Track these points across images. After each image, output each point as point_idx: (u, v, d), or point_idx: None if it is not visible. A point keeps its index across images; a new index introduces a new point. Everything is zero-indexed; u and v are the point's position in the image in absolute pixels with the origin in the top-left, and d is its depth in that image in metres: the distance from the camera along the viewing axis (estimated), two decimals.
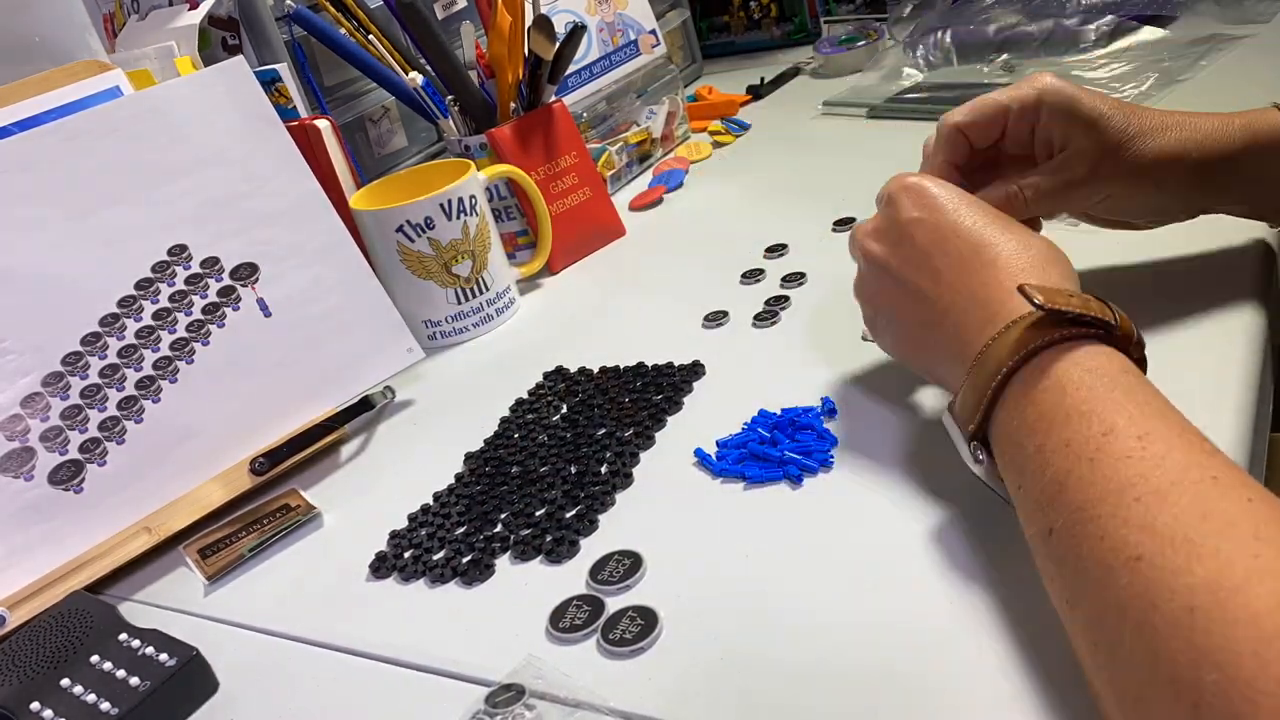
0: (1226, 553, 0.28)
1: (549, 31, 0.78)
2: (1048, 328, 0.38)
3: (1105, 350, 0.37)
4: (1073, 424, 0.35)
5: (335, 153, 0.78)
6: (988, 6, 1.06)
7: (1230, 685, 0.25)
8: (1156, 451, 0.32)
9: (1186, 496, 0.30)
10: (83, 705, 0.45)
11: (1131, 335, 0.39)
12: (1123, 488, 0.32)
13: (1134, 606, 0.29)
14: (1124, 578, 0.30)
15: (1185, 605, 0.27)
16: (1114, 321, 0.38)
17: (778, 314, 0.66)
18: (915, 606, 0.40)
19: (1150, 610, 0.28)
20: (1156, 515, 0.30)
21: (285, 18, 0.85)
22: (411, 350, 0.69)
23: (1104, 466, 0.33)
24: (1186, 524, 0.29)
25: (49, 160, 0.61)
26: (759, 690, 0.38)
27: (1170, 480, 0.31)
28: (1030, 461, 0.36)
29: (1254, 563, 0.27)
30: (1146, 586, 0.29)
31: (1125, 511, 0.31)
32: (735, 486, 0.50)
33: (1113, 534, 0.31)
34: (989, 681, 0.36)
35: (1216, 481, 0.30)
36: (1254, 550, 0.28)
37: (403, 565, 0.51)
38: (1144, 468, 0.32)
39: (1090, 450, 0.33)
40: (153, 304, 0.62)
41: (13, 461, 0.56)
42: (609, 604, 0.45)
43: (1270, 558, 0.27)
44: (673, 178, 0.96)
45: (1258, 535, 0.28)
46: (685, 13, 1.25)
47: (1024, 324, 0.39)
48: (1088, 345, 0.37)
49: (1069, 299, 0.38)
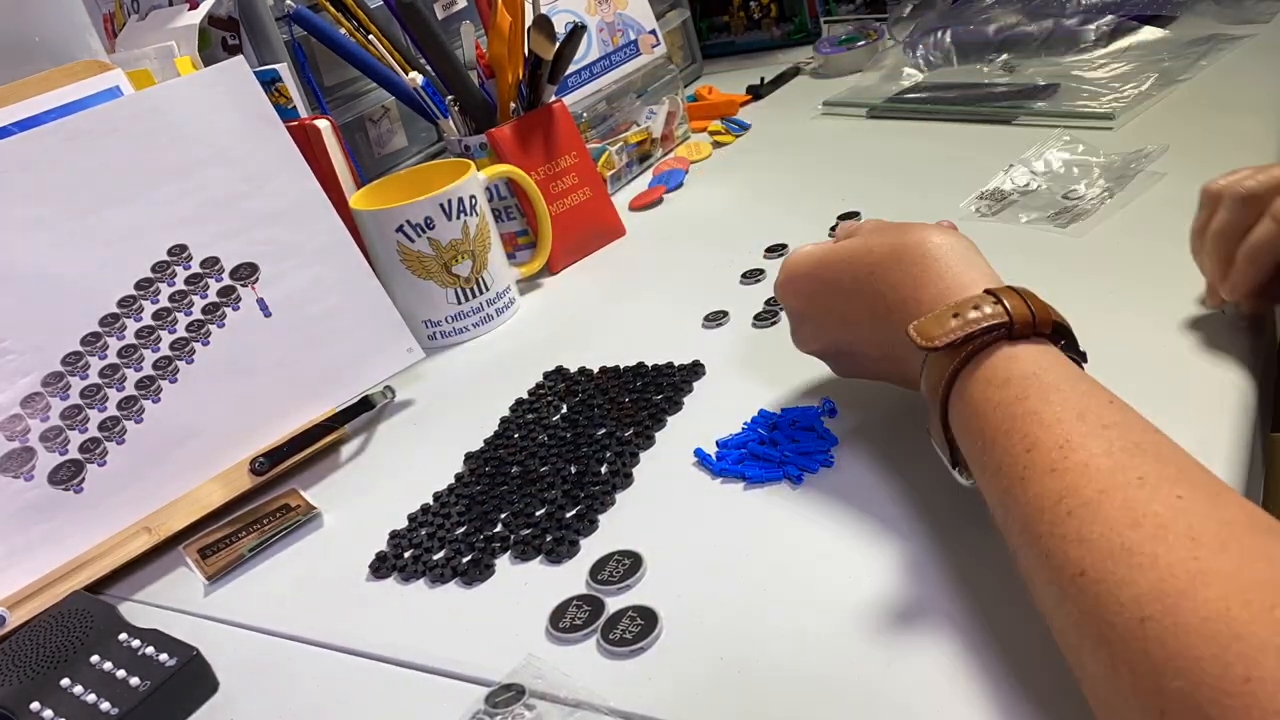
0: (1165, 559, 0.28)
1: (549, 31, 0.78)
2: (949, 353, 0.38)
3: (1010, 353, 0.37)
4: (999, 446, 0.35)
5: (335, 153, 0.78)
6: (988, 6, 1.06)
7: (1196, 691, 0.25)
8: (1079, 460, 0.32)
9: (1115, 503, 0.30)
10: (83, 705, 0.45)
11: (1030, 320, 0.37)
12: (1054, 502, 0.32)
13: (1088, 622, 0.29)
14: (1073, 594, 0.30)
15: (1135, 616, 0.27)
16: (1006, 319, 0.37)
17: (778, 314, 0.66)
18: (916, 607, 0.40)
19: (1104, 625, 0.28)
20: (1090, 527, 0.30)
21: (285, 18, 0.85)
22: (411, 350, 0.69)
23: (1033, 484, 0.33)
24: (1120, 532, 0.29)
25: (49, 160, 0.61)
26: (758, 690, 0.38)
27: (1097, 488, 0.31)
28: (985, 484, 0.37)
29: (1195, 565, 0.27)
30: (1095, 602, 0.29)
31: (1061, 527, 0.31)
32: (735, 486, 0.50)
33: (1056, 552, 0.31)
34: (989, 682, 0.36)
35: (1143, 483, 0.30)
36: (1191, 553, 0.28)
37: (403, 565, 0.51)
38: (1070, 479, 0.32)
39: (1019, 469, 0.34)
40: (153, 304, 0.62)
41: (13, 461, 0.56)
42: (609, 604, 0.45)
43: (1208, 558, 0.27)
44: (673, 178, 0.96)
45: (1192, 536, 0.28)
46: (685, 13, 1.25)
47: (933, 359, 0.39)
48: (993, 354, 0.37)
49: (948, 322, 0.38)
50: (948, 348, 0.38)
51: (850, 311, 0.46)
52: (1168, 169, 0.70)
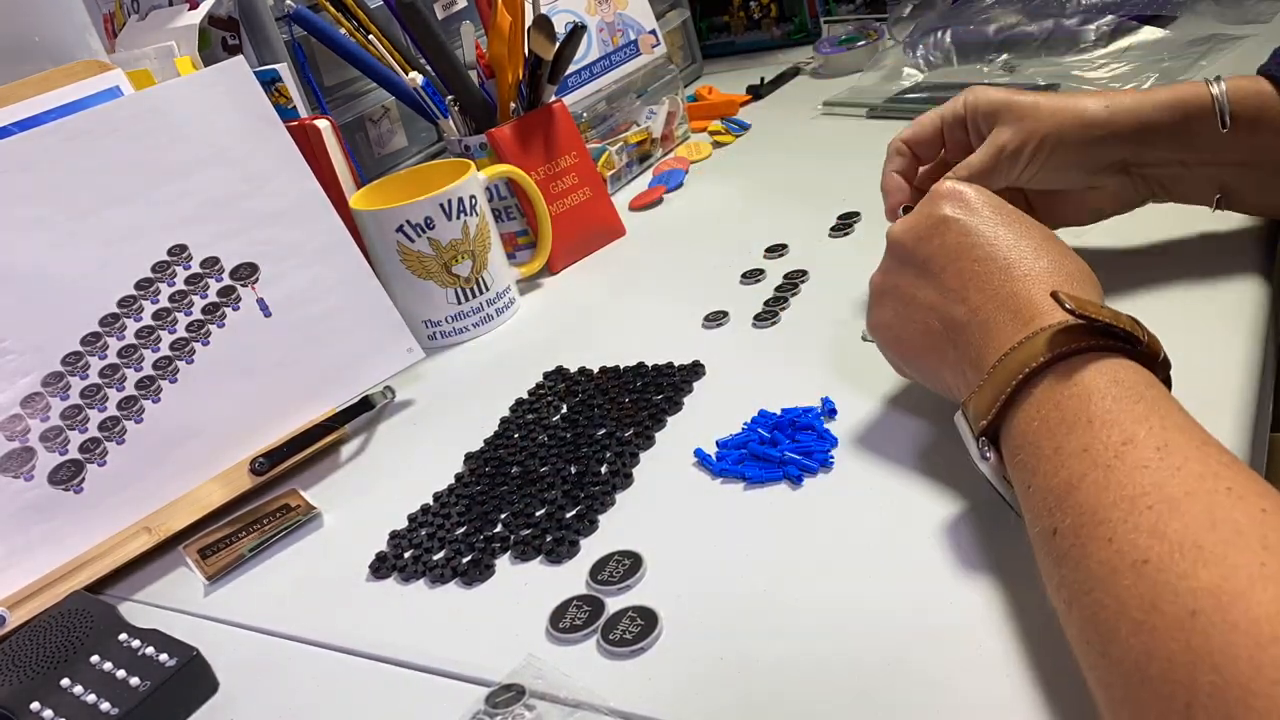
0: (1233, 560, 0.28)
1: (549, 31, 0.78)
2: (1077, 335, 0.38)
3: (1131, 365, 0.38)
4: (1094, 430, 0.35)
5: (335, 153, 0.78)
6: (988, 6, 1.06)
7: (1226, 688, 0.26)
8: (1173, 462, 0.32)
9: (1199, 505, 0.30)
10: (83, 705, 0.45)
11: (1158, 355, 0.39)
12: (1136, 495, 0.32)
13: (1135, 606, 0.29)
14: (1128, 579, 0.30)
15: (1187, 608, 0.28)
16: (1142, 339, 0.38)
17: (778, 314, 0.66)
18: (915, 607, 0.40)
19: (1151, 611, 0.29)
20: (1168, 522, 0.30)
21: (285, 18, 0.85)
22: (411, 350, 0.69)
23: (1119, 473, 0.33)
24: (1196, 531, 0.29)
25: (49, 160, 0.61)
26: (759, 690, 0.38)
27: (1185, 490, 0.31)
28: (1045, 462, 0.36)
29: (1259, 570, 0.27)
30: (1150, 588, 0.29)
31: (1137, 517, 0.31)
32: (735, 487, 0.51)
33: (1121, 538, 0.31)
34: (989, 682, 0.36)
35: (1230, 492, 0.30)
36: (1261, 559, 0.28)
37: (403, 565, 0.51)
38: (1159, 477, 0.32)
39: (1108, 457, 0.34)
40: (153, 304, 0.62)
41: (13, 461, 0.56)
42: (609, 604, 0.45)
43: (1276, 566, 0.27)
44: (673, 178, 0.96)
45: (1265, 544, 0.28)
46: (685, 13, 1.25)
47: (1053, 329, 0.39)
48: (1115, 358, 0.38)
49: (1100, 310, 0.38)
50: (1086, 324, 0.38)
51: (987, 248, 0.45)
52: None
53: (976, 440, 0.40)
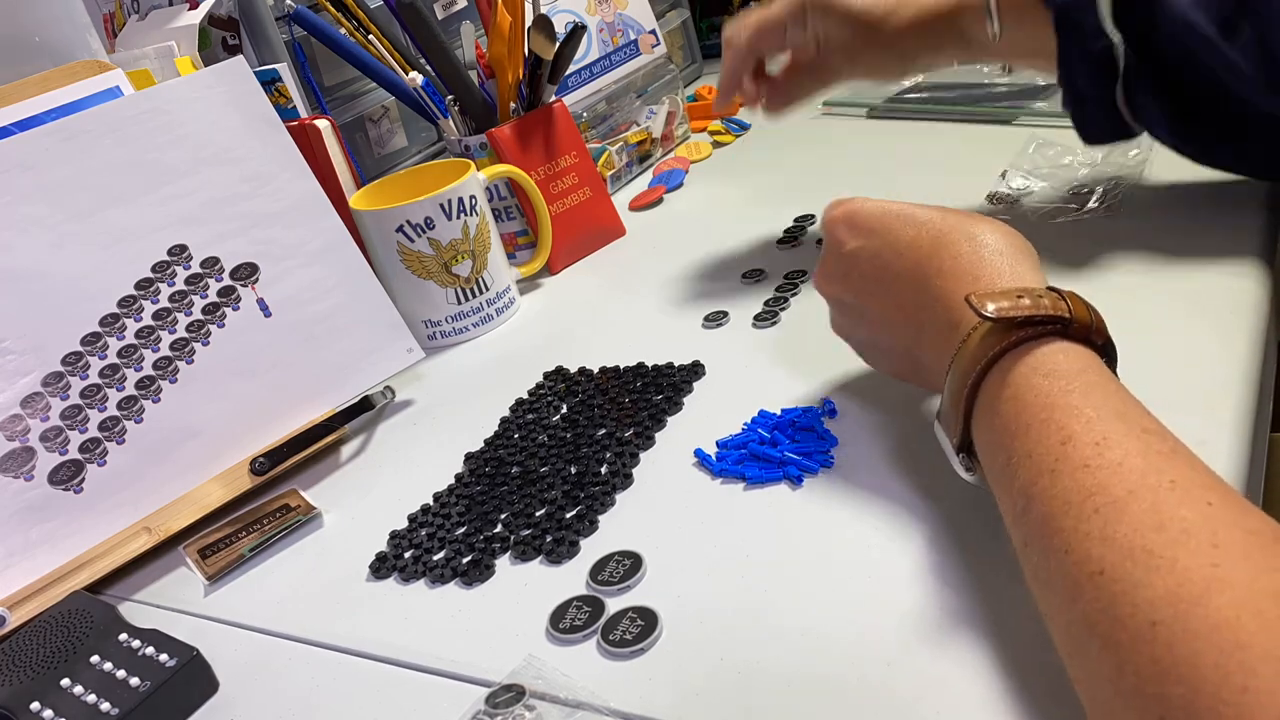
0: (1184, 563, 0.28)
1: (549, 31, 0.78)
2: (1001, 333, 0.38)
3: (1063, 348, 0.37)
4: (1033, 434, 0.35)
5: (335, 153, 0.78)
6: None
7: (1195, 698, 0.25)
8: (1113, 458, 0.32)
9: (1143, 505, 0.30)
10: (83, 705, 0.45)
11: (1089, 324, 0.38)
12: (1083, 499, 0.31)
13: (1099, 621, 0.29)
14: (1089, 592, 0.30)
15: (1147, 619, 0.27)
16: (1068, 315, 0.38)
17: (778, 314, 0.66)
18: (916, 607, 0.40)
19: (1114, 625, 0.28)
20: (1115, 527, 0.30)
21: (285, 18, 0.85)
22: (411, 350, 0.69)
23: (1064, 478, 0.33)
24: (1143, 533, 0.29)
25: (49, 160, 0.61)
26: (758, 691, 0.38)
27: (1127, 488, 0.31)
28: (1001, 475, 0.36)
29: (1212, 572, 0.27)
30: (1110, 601, 0.29)
31: (1086, 524, 0.31)
32: (735, 487, 0.51)
33: (1076, 548, 0.31)
34: (989, 682, 0.36)
35: (1174, 487, 0.30)
36: (1212, 559, 0.27)
37: (403, 565, 0.51)
38: (1102, 476, 0.31)
39: (1050, 461, 0.33)
40: (153, 304, 0.62)
41: (13, 461, 0.56)
42: (609, 604, 0.45)
43: (1229, 566, 0.27)
44: (673, 178, 0.96)
45: (1215, 543, 0.28)
46: (685, 13, 1.25)
47: (980, 332, 0.39)
48: (1045, 345, 0.37)
49: (1017, 301, 0.38)
50: (1005, 323, 0.38)
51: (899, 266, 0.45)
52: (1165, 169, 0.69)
53: (957, 455, 0.41)
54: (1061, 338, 0.37)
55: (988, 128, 0.88)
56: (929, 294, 0.43)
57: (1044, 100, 0.87)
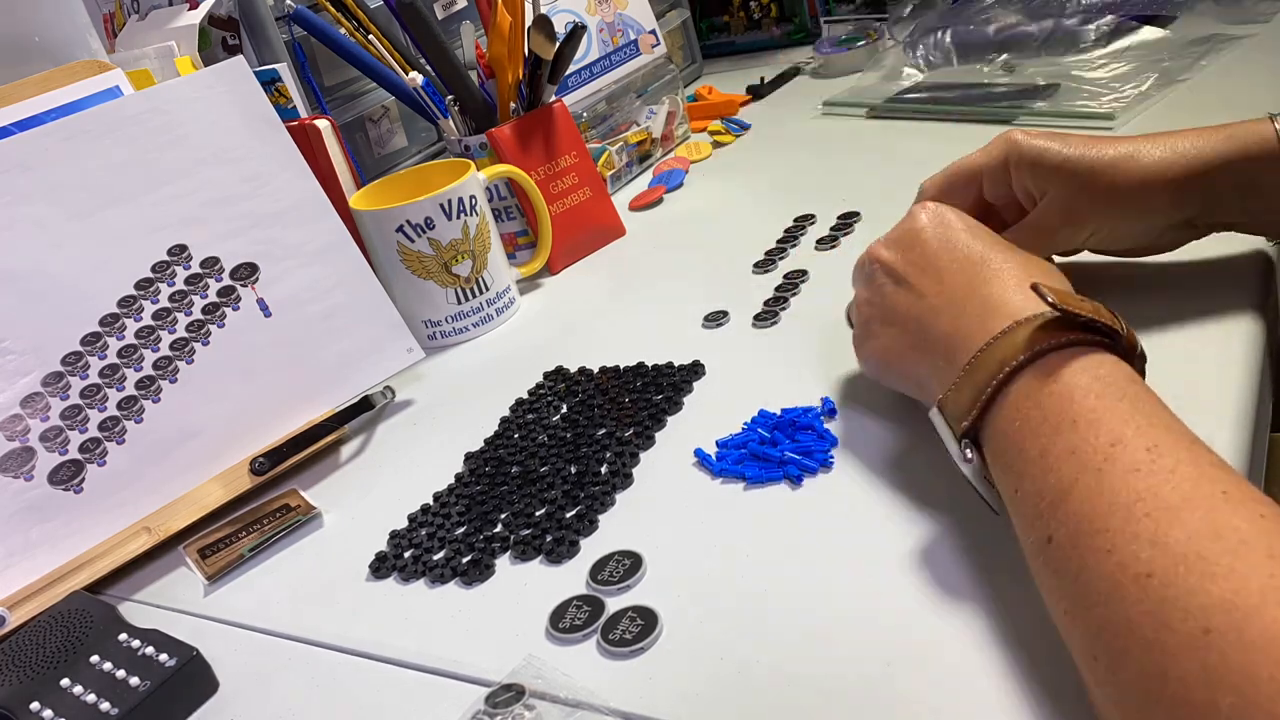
0: (1241, 573, 0.27)
1: (549, 31, 0.78)
2: (1057, 330, 0.38)
3: (1112, 359, 0.37)
4: (1079, 431, 0.34)
5: (335, 153, 0.78)
6: (988, 6, 1.06)
7: (1248, 708, 0.25)
8: (1165, 465, 0.32)
9: (1198, 513, 0.30)
10: (83, 705, 0.45)
11: (1135, 347, 0.38)
12: (1131, 501, 0.31)
13: (1144, 624, 0.28)
14: (1133, 594, 0.29)
15: (1200, 627, 0.27)
16: (1121, 331, 0.38)
17: (778, 314, 0.66)
18: (915, 607, 0.40)
19: (1162, 629, 0.28)
20: (1168, 532, 0.29)
21: (285, 18, 0.85)
22: (411, 350, 0.69)
23: (1111, 478, 0.32)
24: (1199, 542, 0.29)
25: (49, 160, 0.61)
26: (758, 690, 0.38)
27: (1181, 496, 0.30)
28: (1032, 466, 0.36)
29: (1269, 583, 0.27)
30: (1158, 605, 0.28)
31: (1135, 526, 0.30)
32: (735, 486, 0.50)
33: (1122, 548, 0.30)
34: (989, 682, 0.36)
35: (1227, 497, 0.30)
36: (1269, 570, 0.27)
37: (403, 565, 0.51)
38: (1153, 482, 0.31)
39: (1098, 460, 0.33)
40: (153, 304, 0.62)
41: (13, 461, 0.56)
42: (609, 604, 0.45)
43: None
44: (673, 178, 0.96)
45: (1272, 554, 0.28)
46: (685, 13, 1.25)
47: (1033, 324, 0.38)
48: (1095, 353, 0.37)
49: (1080, 303, 0.38)
50: (1067, 318, 0.38)
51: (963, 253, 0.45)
52: None
53: (958, 441, 0.40)
54: (1110, 352, 0.38)
55: (988, 128, 0.88)
56: (979, 280, 0.43)
57: (1044, 100, 0.87)
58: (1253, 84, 0.81)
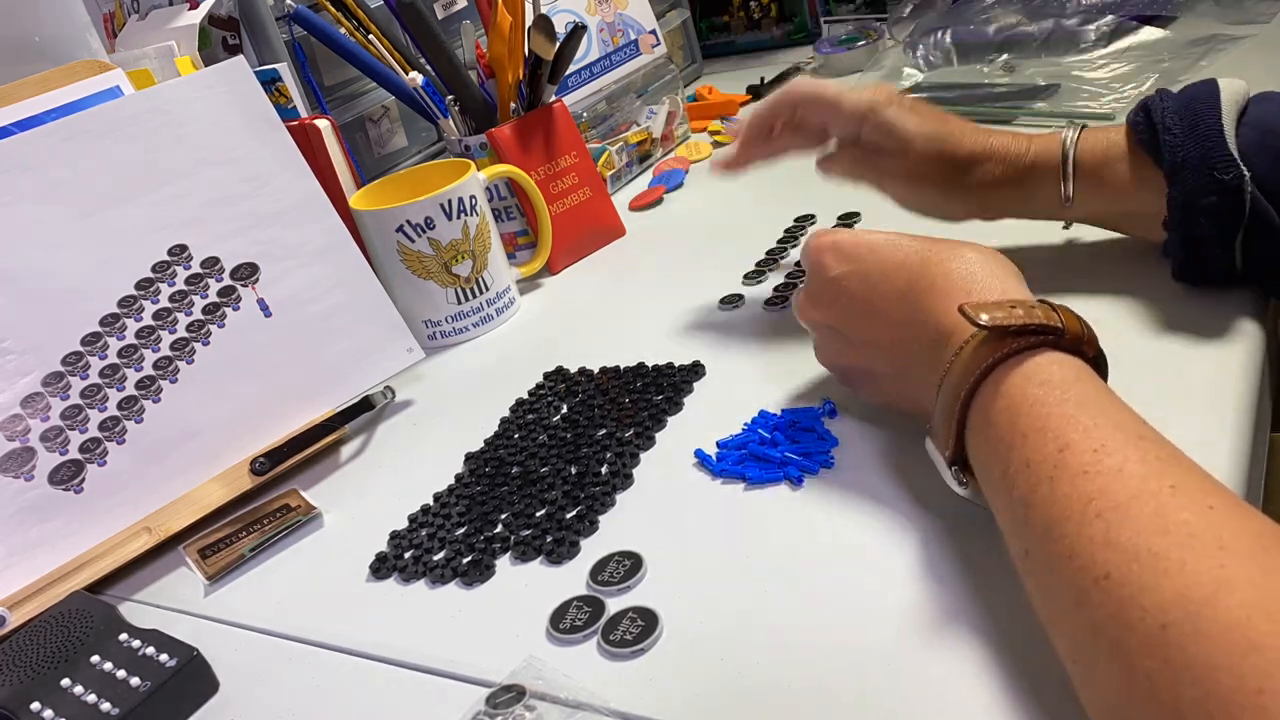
0: (1192, 565, 0.28)
1: (549, 31, 0.78)
2: (995, 344, 0.38)
3: (1056, 359, 0.37)
4: (1030, 443, 0.35)
5: (335, 153, 0.78)
6: (988, 6, 1.06)
7: (1208, 700, 0.25)
8: (1113, 464, 0.32)
9: (1147, 509, 0.30)
10: (83, 705, 0.45)
11: (1081, 335, 0.38)
12: (1084, 504, 0.31)
13: (1108, 626, 0.29)
14: (1095, 597, 0.29)
15: (1157, 623, 0.27)
16: (1060, 326, 0.38)
17: (778, 314, 0.66)
18: (914, 607, 0.40)
19: (1124, 630, 0.28)
20: (1119, 531, 0.30)
21: (285, 18, 0.85)
22: (411, 350, 0.69)
23: (1063, 484, 0.33)
24: (1149, 538, 0.29)
25: (49, 160, 0.61)
26: (758, 691, 0.38)
27: (1129, 493, 0.31)
28: (999, 484, 0.36)
29: (1220, 573, 0.27)
30: (1118, 606, 0.29)
31: (1089, 529, 0.31)
32: (735, 487, 0.50)
33: (1080, 553, 0.31)
34: (989, 683, 0.36)
35: (1175, 491, 0.30)
36: (1219, 560, 0.27)
37: (403, 566, 0.51)
38: (1102, 482, 0.32)
39: (1049, 469, 0.33)
40: (153, 304, 0.62)
41: (13, 461, 0.56)
42: (609, 605, 0.45)
43: (1235, 567, 0.27)
44: (673, 178, 0.96)
45: (1221, 545, 0.28)
46: (685, 13, 1.25)
47: (973, 344, 0.39)
48: (1038, 355, 0.37)
49: (1010, 311, 0.38)
50: (999, 331, 0.38)
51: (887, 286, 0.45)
52: None
53: (949, 469, 0.41)
54: (1054, 349, 0.38)
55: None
56: (920, 311, 0.43)
57: (1044, 100, 0.87)
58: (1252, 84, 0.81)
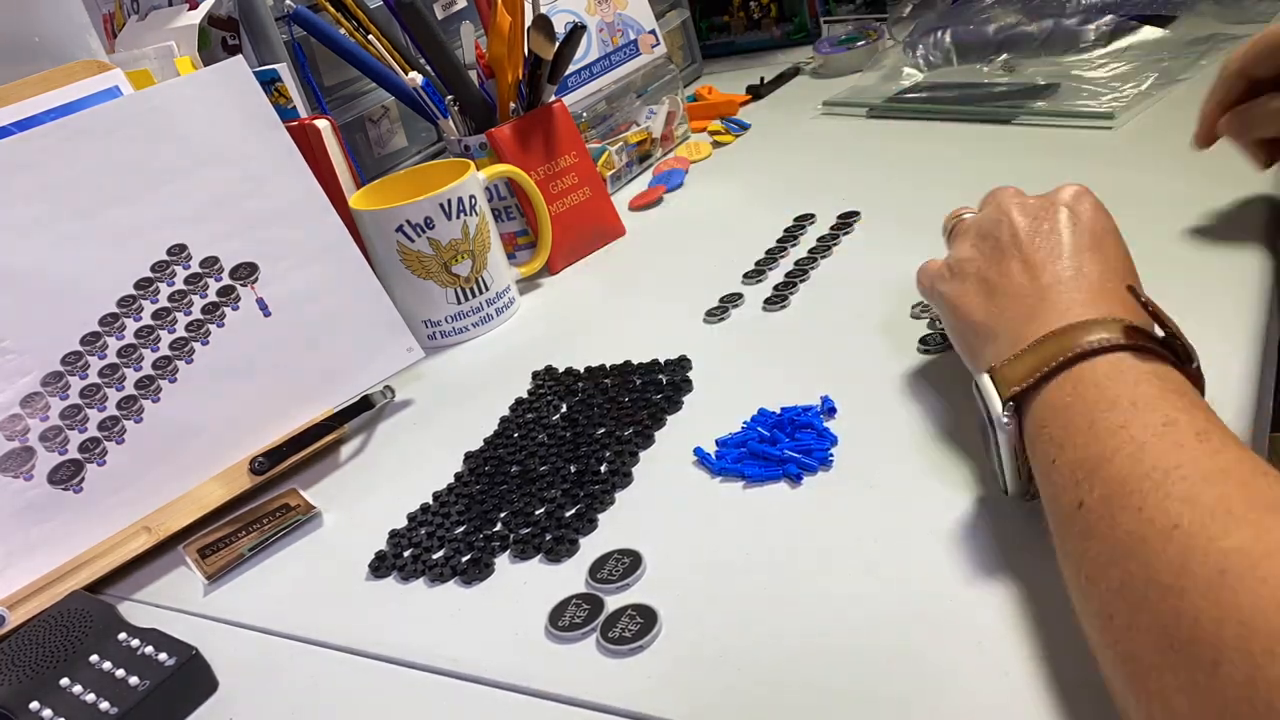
0: (1267, 524, 0.28)
1: (549, 31, 0.78)
2: (1135, 333, 0.39)
3: (1180, 374, 0.38)
4: (1136, 411, 0.35)
5: (335, 153, 0.78)
6: (988, 6, 1.06)
7: (1252, 637, 0.26)
8: (1211, 446, 0.33)
9: (1234, 480, 0.31)
10: (82, 705, 0.45)
11: (1201, 378, 0.39)
12: (1170, 468, 0.32)
13: (1164, 571, 0.29)
14: (1157, 545, 0.30)
15: (1217, 568, 0.28)
16: (1194, 361, 0.39)
17: (777, 314, 0.66)
18: (915, 606, 0.40)
19: (1181, 573, 0.29)
20: (1202, 490, 0.31)
21: (285, 18, 0.85)
22: (411, 350, 0.69)
23: (1155, 449, 0.33)
24: (1231, 501, 0.30)
25: (49, 160, 0.61)
26: (758, 689, 0.38)
27: (1219, 467, 0.32)
28: (1077, 434, 0.36)
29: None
30: (1180, 552, 0.29)
31: (1170, 486, 0.31)
32: (735, 485, 0.50)
33: (1153, 505, 0.31)
34: (988, 681, 0.36)
35: (1266, 474, 0.31)
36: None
37: (402, 564, 0.51)
38: (1196, 454, 0.32)
39: (1146, 435, 0.34)
40: (152, 304, 0.62)
41: (13, 461, 0.56)
42: (608, 602, 0.45)
43: None
44: (673, 178, 0.96)
45: None
46: (685, 13, 1.25)
47: (1119, 322, 0.39)
48: (1166, 363, 0.38)
49: (1170, 320, 0.39)
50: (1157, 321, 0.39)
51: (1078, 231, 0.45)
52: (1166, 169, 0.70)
53: (1003, 403, 0.40)
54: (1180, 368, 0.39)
55: (988, 128, 0.88)
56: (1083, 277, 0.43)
57: (1044, 100, 0.87)
58: None
